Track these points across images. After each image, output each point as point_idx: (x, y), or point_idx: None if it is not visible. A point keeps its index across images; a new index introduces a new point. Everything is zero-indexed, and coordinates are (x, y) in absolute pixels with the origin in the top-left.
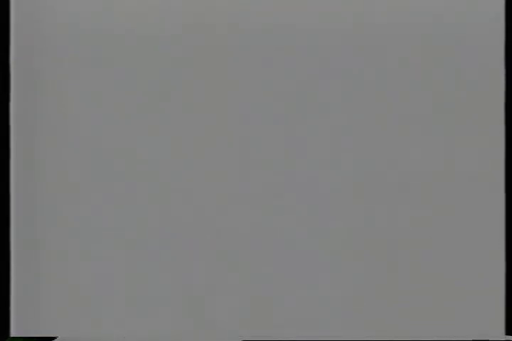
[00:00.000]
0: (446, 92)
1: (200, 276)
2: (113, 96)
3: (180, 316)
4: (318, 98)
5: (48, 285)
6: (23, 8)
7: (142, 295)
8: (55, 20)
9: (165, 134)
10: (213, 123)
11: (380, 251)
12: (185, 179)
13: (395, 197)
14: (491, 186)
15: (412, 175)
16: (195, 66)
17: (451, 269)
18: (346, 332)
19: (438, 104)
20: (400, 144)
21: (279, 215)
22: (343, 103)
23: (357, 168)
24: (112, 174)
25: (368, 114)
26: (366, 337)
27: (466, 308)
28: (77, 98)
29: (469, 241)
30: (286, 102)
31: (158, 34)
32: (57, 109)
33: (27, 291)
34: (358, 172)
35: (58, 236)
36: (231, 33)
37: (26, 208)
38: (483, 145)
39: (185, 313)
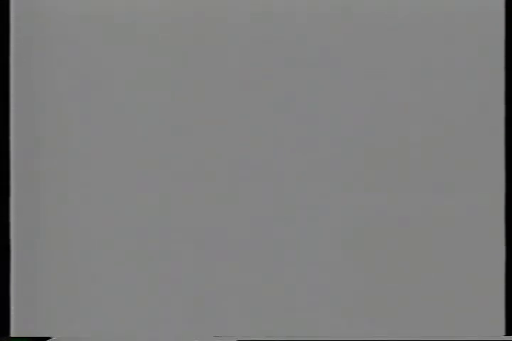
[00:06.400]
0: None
1: None
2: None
3: None
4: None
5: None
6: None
7: (147, 300)
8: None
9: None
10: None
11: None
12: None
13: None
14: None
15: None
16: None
17: (451, 269)
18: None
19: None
20: None
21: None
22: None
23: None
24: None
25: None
26: (366, 336)
27: (465, 308)
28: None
29: (469, 241)
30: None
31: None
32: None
33: (26, 291)
34: None
35: (59, 234)
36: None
37: (27, 209)
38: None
39: None
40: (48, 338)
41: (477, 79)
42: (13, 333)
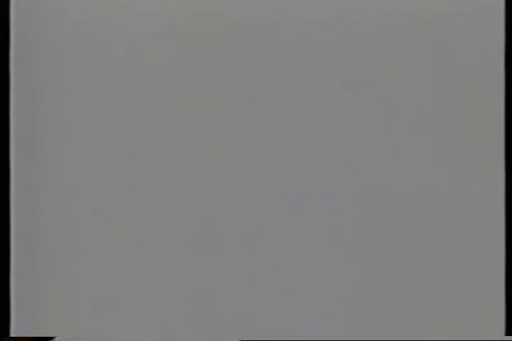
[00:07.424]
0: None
1: None
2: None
3: None
4: None
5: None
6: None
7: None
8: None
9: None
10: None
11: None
12: None
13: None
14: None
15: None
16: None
17: (450, 268)
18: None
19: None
20: None
21: None
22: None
23: None
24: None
25: None
26: (366, 336)
27: (465, 308)
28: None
29: (469, 240)
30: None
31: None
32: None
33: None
34: None
35: (59, 234)
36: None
37: (27, 210)
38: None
39: None
40: (49, 338)
41: (477, 79)
42: (13, 333)
